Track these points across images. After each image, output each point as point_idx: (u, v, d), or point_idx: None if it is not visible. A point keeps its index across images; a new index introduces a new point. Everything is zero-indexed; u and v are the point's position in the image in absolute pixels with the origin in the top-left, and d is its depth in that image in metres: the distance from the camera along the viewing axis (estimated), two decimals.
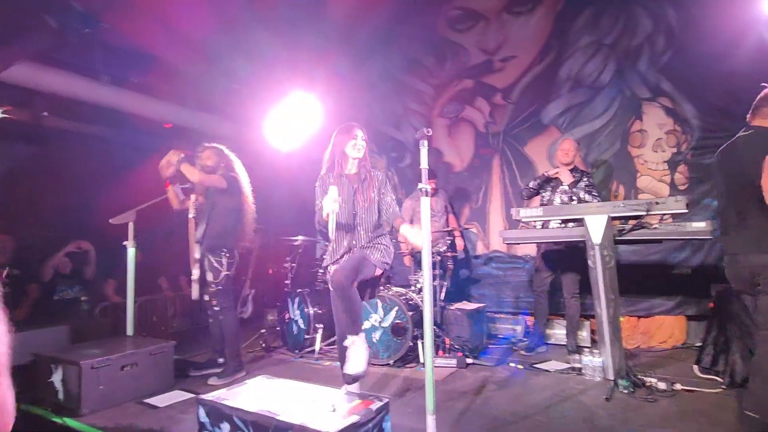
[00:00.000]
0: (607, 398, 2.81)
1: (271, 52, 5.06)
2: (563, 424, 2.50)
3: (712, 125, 4.14)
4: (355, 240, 2.70)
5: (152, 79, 4.72)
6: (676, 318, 4.16)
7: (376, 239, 2.72)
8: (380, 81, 5.85)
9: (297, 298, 4.20)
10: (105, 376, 2.83)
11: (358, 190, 2.71)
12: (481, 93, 5.23)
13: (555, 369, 3.47)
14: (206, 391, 2.38)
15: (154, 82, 4.74)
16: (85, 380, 2.72)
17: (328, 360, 3.85)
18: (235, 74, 5.30)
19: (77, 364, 2.73)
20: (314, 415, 1.89)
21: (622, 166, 4.49)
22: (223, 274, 3.44)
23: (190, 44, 4.50)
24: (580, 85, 4.69)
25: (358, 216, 2.71)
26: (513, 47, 5.04)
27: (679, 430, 2.39)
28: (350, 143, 2.69)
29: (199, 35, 4.51)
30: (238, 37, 4.77)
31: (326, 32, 5.20)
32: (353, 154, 2.70)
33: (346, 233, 2.71)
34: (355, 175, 2.75)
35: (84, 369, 2.72)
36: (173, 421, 2.66)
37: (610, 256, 3.09)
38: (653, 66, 4.37)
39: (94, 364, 2.77)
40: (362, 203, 2.70)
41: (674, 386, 2.92)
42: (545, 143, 4.84)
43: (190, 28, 4.35)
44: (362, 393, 2.15)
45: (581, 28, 4.70)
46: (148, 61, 4.61)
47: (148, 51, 4.54)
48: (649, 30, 4.39)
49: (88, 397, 2.74)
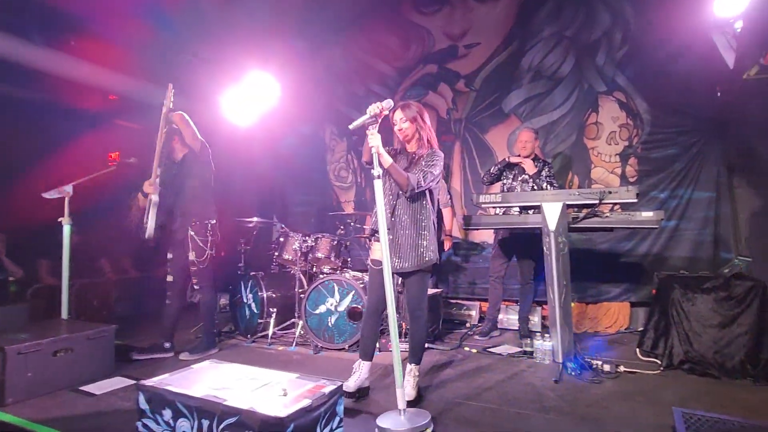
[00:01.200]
0: (556, 380, 2.90)
1: (226, 27, 4.80)
2: (513, 405, 2.55)
3: (661, 121, 4.32)
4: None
5: (93, 44, 4.34)
6: (622, 304, 4.36)
7: None
8: (342, 60, 5.70)
9: (250, 282, 4.06)
10: (34, 362, 2.60)
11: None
12: (444, 79, 5.21)
13: (507, 353, 3.54)
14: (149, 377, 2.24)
15: (95, 47, 4.36)
16: (9, 367, 2.50)
17: (282, 345, 3.76)
18: (187, 46, 5.00)
19: (1, 349, 2.49)
20: (264, 399, 1.81)
21: (577, 157, 4.62)
22: (207, 252, 3.43)
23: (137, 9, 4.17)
24: (540, 76, 4.76)
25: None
26: (477, 34, 5.04)
27: (621, 408, 2.50)
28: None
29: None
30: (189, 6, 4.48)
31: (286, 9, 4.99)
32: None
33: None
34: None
35: (9, 354, 2.49)
36: (111, 409, 2.49)
37: (564, 243, 3.17)
38: (610, 60, 4.50)
39: (21, 350, 2.55)
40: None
41: (618, 368, 3.06)
42: (506, 132, 4.90)
43: None
44: (314, 376, 2.08)
45: (543, 19, 4.76)
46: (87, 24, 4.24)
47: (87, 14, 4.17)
48: (608, 25, 4.50)
49: (14, 385, 2.52)
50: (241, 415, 1.71)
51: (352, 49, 5.65)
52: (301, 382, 2.03)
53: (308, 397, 1.84)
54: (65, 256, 3.38)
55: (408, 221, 2.58)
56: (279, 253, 4.13)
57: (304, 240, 3.99)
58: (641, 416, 2.39)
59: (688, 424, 1.76)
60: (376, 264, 2.60)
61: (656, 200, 4.27)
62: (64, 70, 4.16)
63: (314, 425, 1.82)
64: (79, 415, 2.40)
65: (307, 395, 1.86)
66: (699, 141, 4.19)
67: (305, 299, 3.74)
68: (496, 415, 2.42)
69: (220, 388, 1.93)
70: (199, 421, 1.80)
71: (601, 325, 4.34)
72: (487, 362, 3.36)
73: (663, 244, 4.27)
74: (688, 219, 4.22)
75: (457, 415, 2.43)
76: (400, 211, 2.60)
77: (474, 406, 2.54)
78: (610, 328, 4.31)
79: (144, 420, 1.97)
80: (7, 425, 2.28)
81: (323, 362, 3.37)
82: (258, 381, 2.04)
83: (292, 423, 1.69)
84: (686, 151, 4.23)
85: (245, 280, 4.11)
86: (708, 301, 3.10)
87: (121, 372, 3.03)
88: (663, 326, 3.32)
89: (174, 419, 1.87)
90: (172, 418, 1.88)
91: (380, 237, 2.25)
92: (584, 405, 2.55)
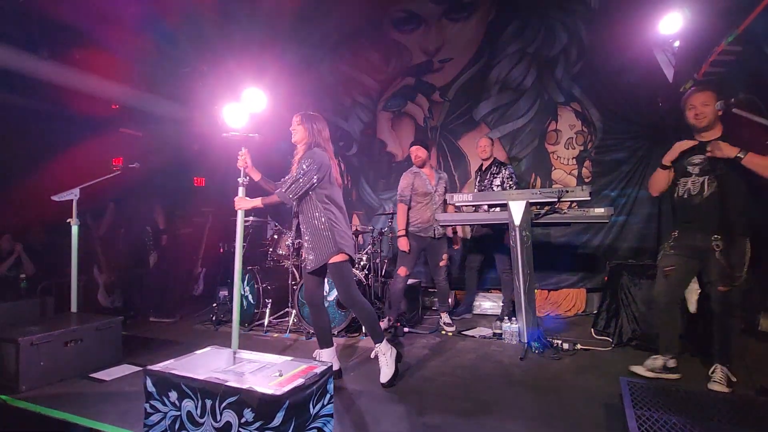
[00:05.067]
0: (522, 358, 2.99)
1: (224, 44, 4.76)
2: (484, 380, 2.63)
3: (612, 128, 4.47)
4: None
5: (95, 56, 4.26)
6: (579, 290, 4.50)
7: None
8: (329, 74, 5.71)
9: (247, 275, 4.05)
10: (46, 352, 2.57)
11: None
12: (421, 90, 5.27)
13: (480, 335, 3.63)
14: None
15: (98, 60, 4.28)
16: (23, 357, 2.46)
17: (277, 332, 3.77)
18: (186, 59, 4.93)
19: (15, 341, 2.45)
20: (261, 380, 1.83)
21: (539, 160, 4.73)
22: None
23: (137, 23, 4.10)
24: (506, 88, 4.86)
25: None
26: (450, 50, 5.11)
27: (578, 380, 2.60)
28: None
29: (145, 14, 4.12)
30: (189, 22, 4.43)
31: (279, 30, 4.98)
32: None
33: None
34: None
35: (22, 346, 2.46)
36: (120, 392, 2.48)
37: (528, 237, 3.26)
38: (567, 74, 4.62)
39: (33, 341, 2.51)
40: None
41: (576, 346, 3.17)
42: (477, 138, 4.96)
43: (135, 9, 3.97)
44: (306, 359, 2.11)
45: (509, 37, 4.86)
46: (91, 38, 4.15)
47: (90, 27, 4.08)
48: (565, 42, 4.63)
49: (27, 373, 2.48)
50: (241, 394, 1.73)
51: (338, 65, 5.67)
52: (295, 364, 2.05)
53: (301, 377, 1.87)
54: (74, 254, 3.32)
55: (306, 224, 2.60)
56: (273, 249, 4.13)
57: (296, 237, 4.00)
58: (594, 386, 2.50)
59: (632, 391, 1.85)
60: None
61: (607, 198, 4.41)
62: (68, 80, 4.07)
63: (307, 402, 1.85)
64: (91, 399, 2.39)
65: (300, 375, 1.89)
66: (644, 146, 4.34)
67: (298, 290, 3.75)
68: (469, 389, 2.49)
69: (221, 371, 1.95)
70: (203, 401, 1.81)
71: (561, 309, 4.47)
72: (462, 344, 3.43)
73: (614, 237, 4.42)
74: (634, 214, 4.37)
75: (435, 389, 2.50)
76: (300, 217, 2.64)
77: (450, 382, 2.61)
78: (569, 311, 4.44)
79: (151, 402, 1.97)
80: (23, 411, 2.25)
81: (315, 347, 3.36)
82: (255, 364, 2.06)
83: (287, 400, 1.72)
84: (633, 155, 4.38)
85: (242, 274, 4.10)
86: (651, 286, 3.23)
87: (128, 360, 3.01)
88: (614, 308, 3.45)
89: (179, 400, 1.88)
90: (177, 399, 1.88)
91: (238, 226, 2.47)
92: (545, 378, 2.65)
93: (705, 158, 2.40)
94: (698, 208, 2.43)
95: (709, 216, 2.39)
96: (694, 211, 2.44)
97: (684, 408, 1.72)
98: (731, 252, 2.33)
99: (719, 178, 2.37)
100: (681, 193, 2.51)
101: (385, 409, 2.24)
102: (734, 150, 2.24)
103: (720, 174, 2.36)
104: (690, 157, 2.48)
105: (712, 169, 2.38)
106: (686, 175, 2.49)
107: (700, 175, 2.43)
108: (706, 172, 2.40)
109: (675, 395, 1.83)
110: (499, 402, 2.30)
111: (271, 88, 4.68)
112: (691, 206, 2.45)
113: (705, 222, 2.41)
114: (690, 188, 2.46)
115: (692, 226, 2.47)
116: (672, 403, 1.76)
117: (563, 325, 3.99)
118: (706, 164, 2.40)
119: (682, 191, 2.50)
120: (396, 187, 3.86)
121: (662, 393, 1.85)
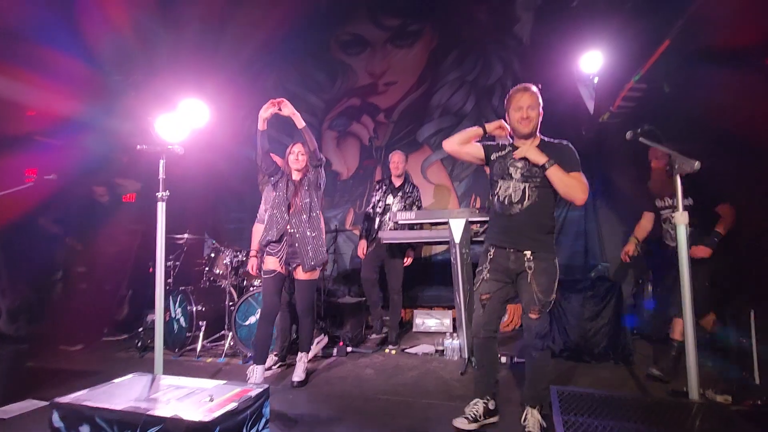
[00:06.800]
0: (462, 372, 3.04)
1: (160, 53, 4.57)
2: (426, 396, 2.63)
3: None
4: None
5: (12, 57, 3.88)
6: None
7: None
8: (274, 90, 5.65)
9: (179, 296, 3.79)
10: None
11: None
12: (366, 111, 5.38)
13: (422, 352, 3.65)
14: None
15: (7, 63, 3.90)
16: None
17: (211, 357, 3.54)
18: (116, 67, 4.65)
19: None
20: (189, 406, 1.70)
21: (478, 181, 4.96)
22: None
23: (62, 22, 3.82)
24: (448, 112, 5.10)
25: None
26: (395, 74, 5.30)
27: (514, 391, 2.69)
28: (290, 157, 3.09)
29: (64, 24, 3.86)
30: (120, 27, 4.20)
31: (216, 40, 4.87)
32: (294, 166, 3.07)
33: None
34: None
35: None
36: (22, 431, 2.18)
37: (467, 254, 3.37)
38: (503, 103, 4.91)
39: None
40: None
41: (513, 360, 3.29)
42: (420, 158, 5.15)
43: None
44: (241, 382, 2.00)
45: (449, 65, 5.14)
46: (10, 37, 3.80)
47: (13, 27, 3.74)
48: (500, 74, 4.98)
49: None
50: (165, 423, 1.59)
51: (284, 82, 5.64)
52: (228, 388, 1.93)
53: (234, 401, 1.76)
54: None
55: (312, 228, 2.99)
56: (209, 268, 3.91)
57: (236, 255, 3.83)
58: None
59: (561, 399, 1.95)
60: (268, 273, 2.88)
61: None
62: None
63: (240, 427, 1.74)
64: None
65: (234, 399, 1.78)
66: None
67: (235, 311, 3.57)
68: (410, 407, 2.48)
69: (143, 399, 1.78)
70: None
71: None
72: (405, 361, 3.43)
73: None
74: (564, 233, 4.69)
75: (376, 408, 2.46)
76: (303, 220, 2.98)
77: (392, 400, 2.58)
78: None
79: None
80: None
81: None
82: (184, 390, 1.91)
83: (218, 426, 1.61)
84: None
85: (174, 296, 3.82)
86: (579, 300, 3.45)
87: (33, 394, 2.66)
88: (549, 322, 3.62)
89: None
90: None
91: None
92: None
93: (527, 163, 2.19)
94: (516, 220, 2.17)
95: (525, 231, 2.15)
96: (512, 223, 2.18)
97: (605, 412, 1.85)
98: (543, 274, 2.12)
99: (538, 188, 2.16)
100: (502, 198, 2.23)
101: (326, 431, 2.16)
102: (544, 158, 2.12)
103: (539, 185, 2.16)
104: (512, 161, 2.23)
105: (532, 176, 2.17)
106: (507, 178, 2.22)
107: (521, 181, 2.19)
108: (527, 179, 2.18)
109: (599, 401, 1.96)
110: (441, 417, 2.31)
111: (212, 101, 4.57)
112: (509, 216, 2.19)
113: (520, 238, 2.16)
114: (511, 194, 2.19)
115: (508, 242, 2.18)
116: (595, 408, 1.88)
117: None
118: (527, 170, 2.18)
119: (503, 196, 2.22)
120: (341, 206, 3.85)
121: (588, 399, 1.97)
